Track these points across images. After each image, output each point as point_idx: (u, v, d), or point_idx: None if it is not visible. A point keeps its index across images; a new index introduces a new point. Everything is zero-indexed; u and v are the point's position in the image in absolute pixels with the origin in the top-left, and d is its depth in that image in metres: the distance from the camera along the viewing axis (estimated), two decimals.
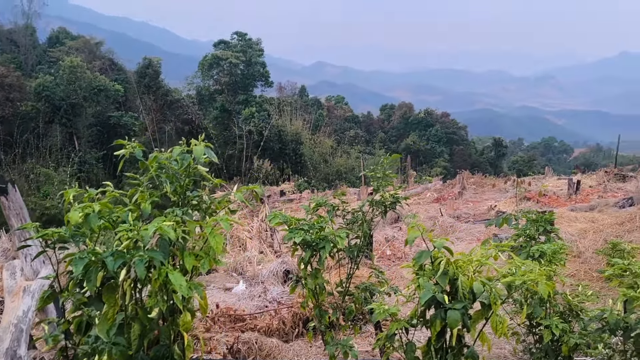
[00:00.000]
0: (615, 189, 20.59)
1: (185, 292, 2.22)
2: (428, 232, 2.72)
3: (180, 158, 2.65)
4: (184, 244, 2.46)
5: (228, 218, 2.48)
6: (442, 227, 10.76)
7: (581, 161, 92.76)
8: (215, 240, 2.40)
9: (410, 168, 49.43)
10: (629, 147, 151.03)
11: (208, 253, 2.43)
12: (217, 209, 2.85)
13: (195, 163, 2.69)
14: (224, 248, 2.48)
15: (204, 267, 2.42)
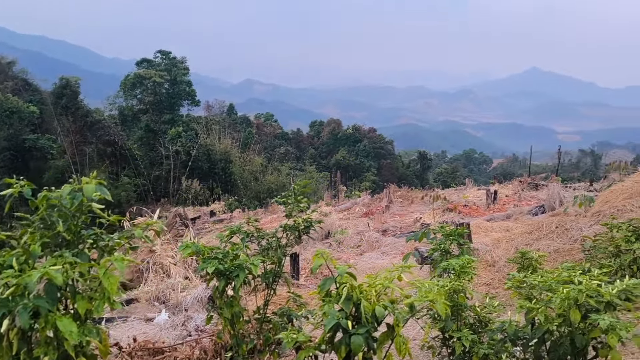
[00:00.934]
0: (528, 197, 21.82)
1: (75, 339, 2.10)
2: (331, 259, 2.76)
3: (70, 197, 2.52)
4: (75, 287, 2.34)
5: (123, 257, 2.38)
6: (369, 242, 10.97)
7: (500, 171, 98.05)
8: (109, 282, 2.30)
9: (341, 183, 50.14)
10: (540, 156, 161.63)
11: (103, 295, 2.33)
12: (117, 246, 2.73)
13: (89, 201, 2.57)
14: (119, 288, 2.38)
15: (98, 310, 2.31)
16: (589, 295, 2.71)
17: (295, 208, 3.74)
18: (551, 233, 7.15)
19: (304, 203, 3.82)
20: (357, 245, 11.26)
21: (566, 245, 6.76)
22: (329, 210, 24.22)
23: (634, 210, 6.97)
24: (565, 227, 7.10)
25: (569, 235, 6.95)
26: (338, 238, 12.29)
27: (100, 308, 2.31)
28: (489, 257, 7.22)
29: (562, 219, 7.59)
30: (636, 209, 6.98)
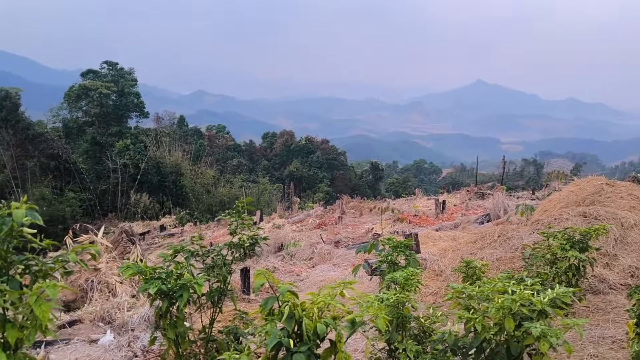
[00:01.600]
0: (475, 206, 22.51)
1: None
2: (273, 277, 2.77)
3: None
4: (5, 316, 2.24)
5: (55, 284, 2.30)
6: (321, 254, 11.02)
7: (449, 180, 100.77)
8: (41, 309, 2.21)
9: (294, 194, 50.12)
10: (487, 166, 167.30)
11: (35, 323, 2.24)
12: (51, 271, 2.63)
13: (20, 225, 2.46)
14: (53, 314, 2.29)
15: (30, 339, 2.22)
16: (522, 304, 2.84)
17: (240, 225, 3.72)
18: (494, 242, 7.42)
19: (248, 220, 3.80)
20: (310, 257, 11.28)
21: (508, 253, 7.02)
22: (282, 223, 24.18)
23: (569, 218, 7.33)
24: (507, 236, 7.38)
25: (510, 243, 7.23)
26: (290, 251, 12.28)
27: (32, 337, 2.22)
28: (436, 266, 7.40)
29: (504, 227, 7.89)
30: (572, 218, 7.34)
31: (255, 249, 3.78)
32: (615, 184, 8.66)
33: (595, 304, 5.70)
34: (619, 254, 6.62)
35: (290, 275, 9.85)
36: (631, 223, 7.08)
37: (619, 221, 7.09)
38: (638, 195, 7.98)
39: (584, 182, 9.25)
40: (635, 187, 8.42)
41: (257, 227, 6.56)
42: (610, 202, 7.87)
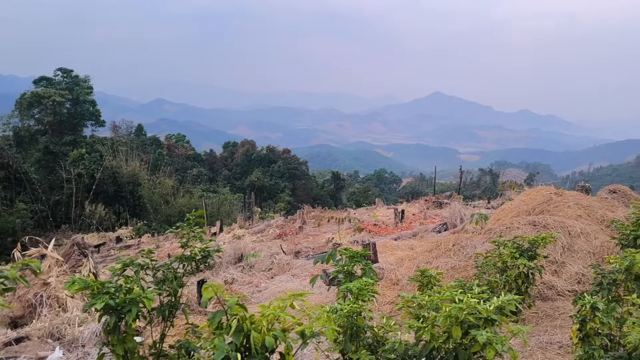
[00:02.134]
0: (433, 215, 22.91)
1: None
2: (222, 290, 2.75)
3: None
4: None
5: None
6: (280, 265, 10.97)
7: (409, 190, 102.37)
8: None
9: (255, 204, 49.76)
10: (445, 175, 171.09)
11: None
12: None
13: None
14: None
15: None
16: (469, 312, 2.92)
17: (191, 238, 3.67)
18: (449, 251, 7.57)
19: (200, 232, 3.76)
20: (269, 268, 11.21)
21: (462, 262, 7.18)
22: (243, 233, 23.98)
23: (520, 227, 7.57)
24: (461, 245, 7.55)
25: (464, 252, 7.40)
26: (250, 261, 12.17)
27: None
28: (393, 276, 7.49)
29: (459, 237, 8.06)
30: (522, 226, 7.59)
31: (208, 262, 3.73)
32: (563, 193, 9.01)
33: (544, 310, 5.89)
34: (567, 261, 6.87)
35: (249, 287, 9.76)
36: (577, 231, 7.37)
37: (567, 229, 7.37)
38: (584, 205, 8.33)
39: (534, 191, 9.57)
40: (581, 197, 8.78)
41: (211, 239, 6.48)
42: (558, 211, 8.17)
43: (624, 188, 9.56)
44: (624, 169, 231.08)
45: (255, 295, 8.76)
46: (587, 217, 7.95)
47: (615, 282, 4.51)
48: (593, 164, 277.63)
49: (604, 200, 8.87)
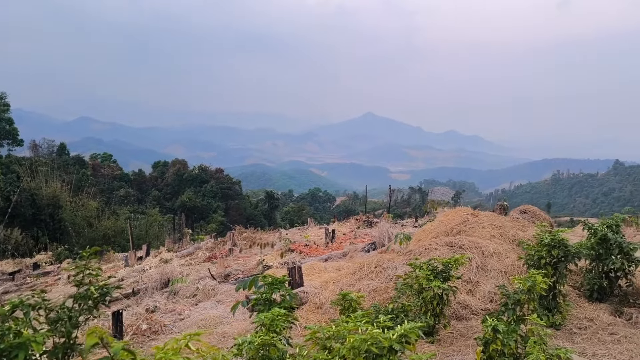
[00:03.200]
0: (363, 234, 23.20)
1: None
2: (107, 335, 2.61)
3: None
4: None
5: None
6: (204, 291, 10.67)
7: (342, 208, 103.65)
8: None
9: (186, 226, 48.42)
10: (378, 193, 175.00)
11: None
12: None
13: None
14: None
15: None
16: (371, 343, 2.96)
17: (87, 275, 3.49)
18: (371, 273, 7.69)
19: (96, 269, 3.58)
20: (193, 294, 10.88)
21: (383, 283, 7.31)
22: (170, 257, 23.18)
23: (438, 248, 7.84)
24: (382, 267, 7.69)
25: (385, 274, 7.54)
26: (173, 288, 11.75)
27: None
28: (317, 299, 7.49)
29: (381, 258, 8.22)
30: (440, 247, 7.86)
31: (107, 300, 3.55)
32: (479, 214, 9.44)
33: (459, 330, 6.09)
34: (481, 281, 7.17)
35: (172, 315, 9.40)
36: (491, 251, 7.73)
37: (481, 250, 7.71)
38: (497, 225, 8.76)
39: (452, 212, 9.97)
40: (495, 217, 9.25)
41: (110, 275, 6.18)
42: (474, 231, 8.55)
43: (533, 208, 10.17)
44: (541, 186, 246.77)
45: (177, 324, 8.45)
46: (499, 237, 8.36)
47: (519, 302, 4.74)
48: (514, 182, 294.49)
49: (516, 220, 9.39)
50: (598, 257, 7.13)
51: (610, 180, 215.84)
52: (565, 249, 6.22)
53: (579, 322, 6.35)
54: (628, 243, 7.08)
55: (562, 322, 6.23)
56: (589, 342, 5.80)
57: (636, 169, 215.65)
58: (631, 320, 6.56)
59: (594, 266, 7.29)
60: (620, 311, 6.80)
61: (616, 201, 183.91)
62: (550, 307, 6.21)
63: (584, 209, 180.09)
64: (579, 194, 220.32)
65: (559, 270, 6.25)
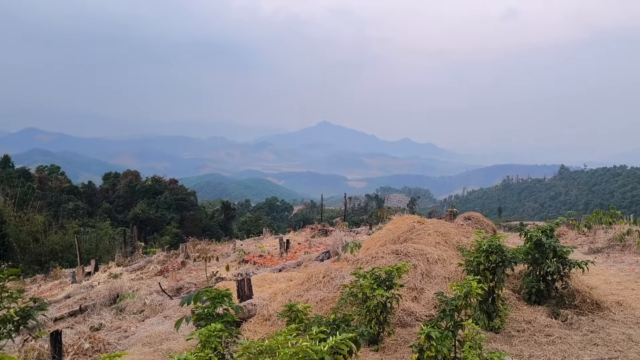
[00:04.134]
0: (318, 243, 23.26)
1: None
2: None
3: None
4: None
5: None
6: (152, 306, 10.41)
7: (300, 217, 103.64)
8: None
9: (138, 239, 47.12)
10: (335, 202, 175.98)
11: None
12: None
13: None
14: None
15: None
16: (302, 356, 2.99)
17: (7, 298, 3.37)
18: (319, 282, 7.72)
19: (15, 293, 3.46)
20: (141, 310, 10.60)
21: (331, 293, 7.36)
22: (120, 271, 22.52)
23: (384, 256, 7.97)
24: (330, 276, 7.73)
25: (333, 283, 7.59)
26: (121, 304, 11.43)
27: None
28: (265, 311, 7.45)
29: (329, 267, 8.26)
30: (386, 255, 7.99)
31: (28, 323, 3.42)
32: (425, 221, 9.66)
33: (403, 337, 6.19)
34: (425, 287, 7.32)
35: (117, 332, 9.13)
36: (435, 258, 7.92)
37: (426, 257, 7.88)
38: (442, 232, 8.99)
39: (400, 220, 10.16)
40: (440, 224, 9.48)
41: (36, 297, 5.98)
42: (420, 239, 8.74)
43: (477, 215, 10.50)
44: (492, 192, 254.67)
45: (122, 342, 8.21)
46: (444, 243, 8.58)
47: (456, 308, 4.88)
48: (466, 187, 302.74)
49: (461, 226, 9.66)
50: (535, 261, 7.43)
51: (556, 185, 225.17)
52: (502, 255, 6.45)
53: (517, 325, 6.58)
54: (562, 247, 7.40)
55: (502, 326, 6.44)
56: (526, 344, 6.02)
57: (580, 174, 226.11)
58: (566, 321, 6.85)
59: (531, 270, 7.59)
60: (556, 313, 7.09)
61: (562, 205, 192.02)
62: (489, 311, 6.42)
63: (533, 213, 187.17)
64: (528, 198, 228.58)
65: (497, 275, 6.48)
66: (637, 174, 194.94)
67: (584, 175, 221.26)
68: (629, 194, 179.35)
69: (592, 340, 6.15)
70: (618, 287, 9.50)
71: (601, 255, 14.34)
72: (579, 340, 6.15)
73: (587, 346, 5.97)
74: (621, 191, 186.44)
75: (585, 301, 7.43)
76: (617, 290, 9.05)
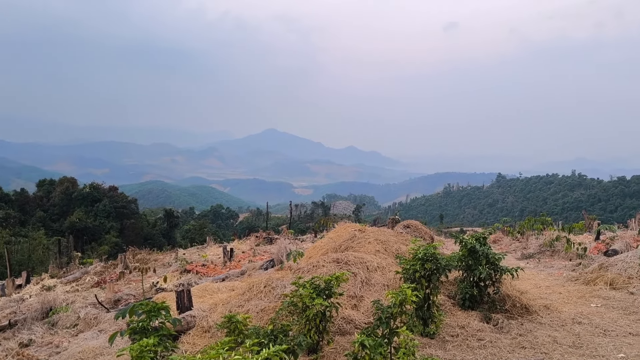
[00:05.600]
0: (262, 252, 23.13)
1: None
2: None
3: None
4: None
5: None
6: (86, 320, 10.01)
7: (245, 225, 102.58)
8: None
9: (76, 249, 45.11)
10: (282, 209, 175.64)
11: None
12: None
13: None
14: None
15: None
16: None
17: None
18: (260, 292, 7.68)
19: None
20: (74, 324, 10.16)
21: (272, 303, 7.34)
22: (54, 283, 21.54)
23: (325, 265, 8.04)
24: (272, 286, 7.72)
25: (274, 293, 7.58)
26: (53, 318, 10.92)
27: None
28: (204, 323, 7.34)
29: (270, 277, 8.26)
30: (327, 264, 8.07)
31: None
32: (366, 230, 9.85)
33: (342, 345, 6.27)
34: (365, 295, 7.46)
35: (48, 348, 8.71)
36: (375, 266, 8.08)
37: (365, 265, 8.03)
38: (382, 240, 9.19)
39: (342, 228, 10.30)
40: (380, 232, 9.69)
41: None
42: (360, 247, 8.89)
43: (415, 223, 10.81)
44: (434, 199, 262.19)
45: (53, 358, 7.85)
46: (384, 251, 8.78)
47: (392, 315, 5.01)
48: (410, 195, 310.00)
49: (400, 234, 9.91)
50: (469, 268, 7.73)
51: (494, 192, 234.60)
52: (437, 263, 6.68)
53: (451, 330, 6.82)
54: (494, 254, 7.75)
55: (437, 331, 6.65)
56: (459, 349, 6.25)
57: (516, 182, 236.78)
58: (497, 325, 7.17)
59: (465, 276, 7.89)
60: (489, 317, 7.40)
61: (499, 211, 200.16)
62: (425, 317, 6.62)
63: (472, 219, 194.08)
64: (467, 205, 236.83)
65: (432, 282, 6.70)
66: (568, 182, 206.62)
67: (519, 183, 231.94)
68: (561, 201, 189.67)
69: (521, 344, 6.46)
70: (547, 291, 10.03)
71: (533, 260, 15.08)
72: (508, 343, 6.45)
73: (516, 349, 6.27)
74: (553, 198, 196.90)
75: (515, 305, 7.80)
76: (545, 294, 9.55)
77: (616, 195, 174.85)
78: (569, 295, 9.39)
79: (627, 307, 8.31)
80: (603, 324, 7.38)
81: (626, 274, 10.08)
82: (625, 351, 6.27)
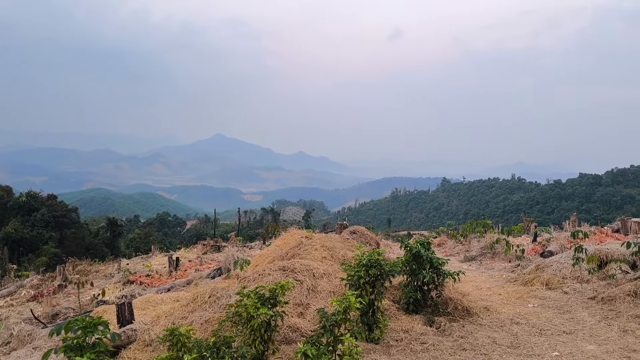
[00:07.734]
0: (210, 260, 22.71)
1: None
2: None
3: None
4: None
5: None
6: (19, 337, 9.49)
7: (193, 232, 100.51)
8: None
9: (11, 261, 42.75)
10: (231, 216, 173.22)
11: None
12: None
13: None
14: None
15: None
16: None
17: None
18: (205, 303, 7.53)
19: None
20: (7, 341, 9.60)
21: (217, 313, 7.21)
22: None
23: (271, 273, 7.99)
24: (216, 296, 7.58)
25: (220, 303, 7.45)
26: None
27: None
28: (146, 336, 7.11)
29: (215, 287, 8.10)
30: (273, 272, 8.02)
31: None
32: (312, 236, 9.86)
33: (288, 354, 6.23)
34: (311, 303, 7.45)
35: None
36: (321, 273, 8.10)
37: (312, 272, 8.03)
38: (329, 246, 9.23)
39: (289, 235, 10.28)
40: (327, 239, 9.74)
41: None
42: (307, 254, 8.89)
43: (361, 229, 10.94)
44: (382, 203, 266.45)
45: None
46: (330, 258, 8.82)
47: (336, 323, 5.03)
48: (359, 199, 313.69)
49: (346, 240, 9.99)
50: (413, 272, 7.89)
51: (439, 196, 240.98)
52: (381, 268, 6.78)
53: (396, 335, 6.93)
54: (437, 258, 7.95)
55: (381, 336, 6.74)
56: (403, 353, 6.35)
57: (460, 186, 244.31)
58: (440, 328, 7.34)
59: (409, 280, 8.04)
60: (432, 321, 7.57)
61: (445, 215, 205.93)
62: (370, 323, 6.69)
63: (419, 223, 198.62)
64: (414, 209, 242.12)
65: (377, 288, 6.78)
66: (508, 185, 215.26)
67: (463, 187, 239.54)
68: (502, 204, 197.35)
69: (462, 346, 6.64)
70: (487, 292, 10.37)
71: (475, 263, 15.58)
72: (450, 346, 6.62)
73: (457, 351, 6.44)
74: (495, 201, 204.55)
75: (457, 308, 8.02)
76: (486, 296, 9.88)
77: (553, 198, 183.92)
78: (508, 296, 9.74)
79: (562, 307, 8.72)
80: (539, 324, 7.71)
81: (561, 274, 10.58)
82: (559, 349, 6.57)
